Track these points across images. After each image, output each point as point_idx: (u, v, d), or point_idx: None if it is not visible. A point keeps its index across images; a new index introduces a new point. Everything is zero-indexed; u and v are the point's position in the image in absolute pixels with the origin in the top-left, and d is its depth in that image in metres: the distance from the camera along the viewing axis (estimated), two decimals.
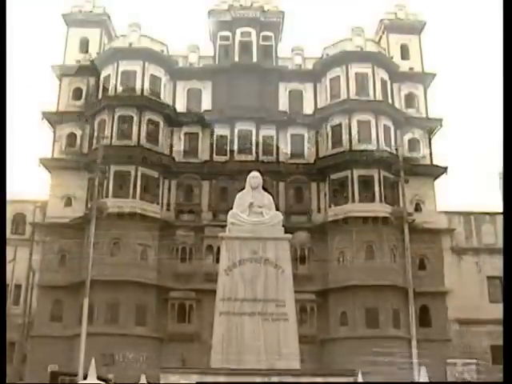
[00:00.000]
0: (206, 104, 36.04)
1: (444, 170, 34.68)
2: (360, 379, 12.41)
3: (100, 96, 35.15)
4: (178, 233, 32.99)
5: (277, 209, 12.39)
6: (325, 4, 76.97)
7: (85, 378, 16.77)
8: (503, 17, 9.65)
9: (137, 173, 32.66)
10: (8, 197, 16.08)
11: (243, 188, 12.10)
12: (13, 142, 39.76)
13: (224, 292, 10.81)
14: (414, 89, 36.54)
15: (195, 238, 32.87)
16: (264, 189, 12.17)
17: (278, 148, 35.10)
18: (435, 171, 35.00)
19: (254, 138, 34.95)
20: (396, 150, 31.98)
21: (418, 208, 34.08)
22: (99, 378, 14.60)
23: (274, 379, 10.58)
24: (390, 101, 35.47)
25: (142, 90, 34.47)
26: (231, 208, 11.83)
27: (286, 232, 11.49)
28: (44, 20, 76.49)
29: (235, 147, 34.78)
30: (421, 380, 12.69)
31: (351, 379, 11.85)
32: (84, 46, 37.23)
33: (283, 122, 35.21)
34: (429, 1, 39.23)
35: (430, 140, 36.03)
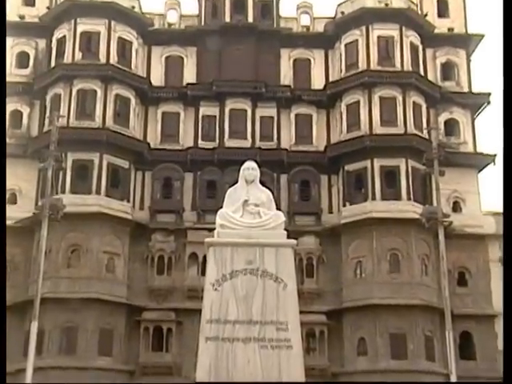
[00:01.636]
0: (190, 76, 36.09)
1: (491, 159, 34.75)
2: None
3: (53, 63, 35.13)
4: (153, 237, 33.08)
5: (278, 208, 12.42)
6: None
7: None
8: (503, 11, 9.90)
9: (101, 162, 32.71)
10: None
11: (236, 182, 12.13)
12: None
13: (211, 312, 10.84)
14: (454, 56, 36.56)
15: (176, 244, 32.98)
16: (262, 183, 12.20)
17: (279, 132, 35.18)
18: (479, 161, 35.09)
19: (249, 120, 35.02)
20: (429, 133, 31.95)
21: (456, 207, 34.21)
22: None
23: None
24: (421, 71, 35.56)
25: (108, 56, 34.48)
26: (221, 207, 11.86)
27: (289, 237, 11.53)
28: None
29: (226, 130, 34.86)
30: None
31: None
32: None
33: (286, 100, 35.28)
34: None
35: (473, 121, 36.12)
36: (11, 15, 36.23)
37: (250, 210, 11.69)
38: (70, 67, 34.12)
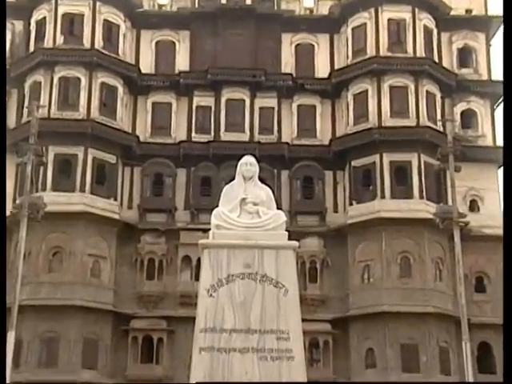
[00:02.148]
0: (182, 63, 36.09)
1: None
2: None
3: (32, 48, 35.07)
4: (143, 239, 33.14)
5: (278, 207, 12.43)
6: None
7: None
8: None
9: (86, 157, 32.73)
10: None
11: (232, 178, 12.14)
12: None
13: (206, 320, 10.86)
14: (472, 40, 36.49)
15: (167, 246, 33.02)
16: (261, 180, 12.21)
17: (280, 124, 35.21)
18: (499, 156, 34.97)
19: (247, 111, 35.05)
20: (443, 125, 32.05)
21: (473, 206, 34.24)
22: None
23: None
24: (436, 58, 35.56)
25: (93, 41, 34.45)
26: (216, 206, 11.87)
27: (290, 238, 11.55)
28: None
29: (222, 123, 34.88)
30: None
31: None
32: None
33: (287, 89, 35.31)
34: None
35: (492, 112, 36.14)
36: None
37: (248, 209, 11.69)
38: (51, 52, 34.04)
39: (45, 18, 34.94)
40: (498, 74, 36.43)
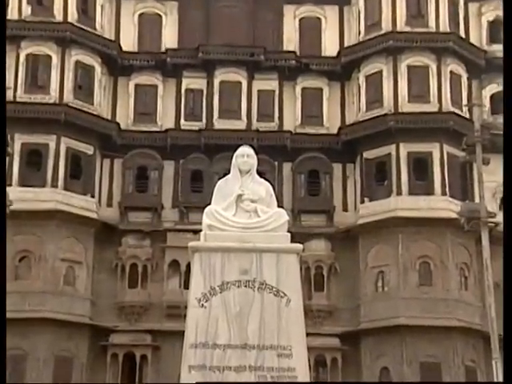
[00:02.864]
0: (170, 39, 36.10)
1: None
2: None
3: None
4: (124, 241, 33.23)
5: (280, 204, 12.50)
6: None
7: None
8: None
9: (59, 147, 32.76)
10: None
11: (227, 172, 12.19)
12: None
13: (197, 334, 10.92)
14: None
15: (152, 250, 33.11)
16: (260, 174, 12.26)
17: (281, 110, 35.27)
18: None
19: (244, 94, 35.11)
20: (470, 111, 32.11)
21: None
22: None
23: None
24: (462, 33, 35.55)
25: (65, 13, 34.38)
26: (208, 203, 11.93)
27: (293, 240, 11.60)
28: None
29: (215, 108, 34.93)
30: None
31: None
32: None
33: (290, 69, 35.38)
34: None
35: None
36: None
37: (244, 207, 11.73)
38: (16, 25, 33.84)
39: None
40: None
